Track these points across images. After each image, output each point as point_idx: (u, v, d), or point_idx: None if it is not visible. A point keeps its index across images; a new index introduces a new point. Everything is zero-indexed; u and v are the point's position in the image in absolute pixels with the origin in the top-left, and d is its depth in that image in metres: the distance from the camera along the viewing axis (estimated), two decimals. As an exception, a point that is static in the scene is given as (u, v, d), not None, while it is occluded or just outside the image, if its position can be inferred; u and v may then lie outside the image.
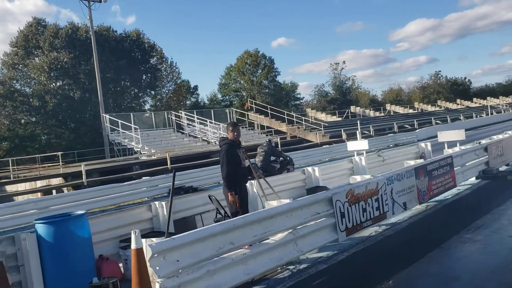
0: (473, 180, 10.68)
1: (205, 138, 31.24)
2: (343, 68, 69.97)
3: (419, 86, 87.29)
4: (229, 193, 6.61)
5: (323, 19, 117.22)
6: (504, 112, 53.41)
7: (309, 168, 10.70)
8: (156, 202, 7.49)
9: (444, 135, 12.28)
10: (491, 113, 51.00)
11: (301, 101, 68.31)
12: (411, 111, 54.76)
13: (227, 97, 61.00)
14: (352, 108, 53.88)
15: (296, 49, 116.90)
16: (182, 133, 32.09)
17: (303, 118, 38.88)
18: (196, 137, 31.53)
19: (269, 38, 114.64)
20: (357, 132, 30.36)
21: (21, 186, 21.74)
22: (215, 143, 30.36)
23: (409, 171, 8.12)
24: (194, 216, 7.81)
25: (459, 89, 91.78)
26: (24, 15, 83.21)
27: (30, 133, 38.43)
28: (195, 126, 32.24)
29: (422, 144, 14.50)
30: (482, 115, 49.95)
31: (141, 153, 26.33)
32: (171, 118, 32.12)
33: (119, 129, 27.56)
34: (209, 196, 7.47)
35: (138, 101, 46.48)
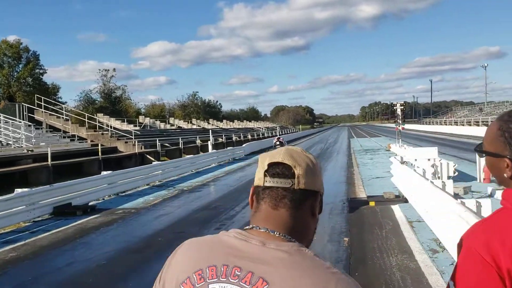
0: None
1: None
2: (113, 76, 64.80)
3: (180, 104, 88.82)
4: None
5: (63, 23, 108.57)
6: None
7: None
8: None
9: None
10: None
11: (63, 105, 60.00)
12: (194, 126, 54.18)
13: (-27, 92, 48.16)
14: (141, 119, 49.83)
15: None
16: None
17: (109, 124, 33.49)
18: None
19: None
20: (209, 142, 27.60)
21: None
22: (16, 146, 22.72)
23: None
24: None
25: (211, 111, 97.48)
26: None
27: None
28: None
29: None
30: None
31: None
32: None
33: None
34: None
35: None
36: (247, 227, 1.17)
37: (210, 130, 33.64)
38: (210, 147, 26.53)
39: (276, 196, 1.13)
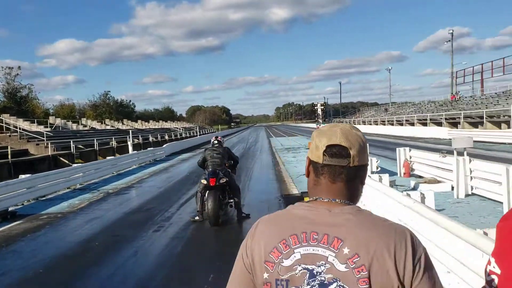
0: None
1: None
2: (18, 74, 60.63)
3: (91, 104, 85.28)
4: None
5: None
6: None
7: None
8: None
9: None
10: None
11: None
12: (108, 127, 52.13)
13: None
14: (51, 119, 46.95)
15: None
16: None
17: (17, 125, 31.27)
18: None
19: None
20: (129, 143, 26.59)
21: None
22: None
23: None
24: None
25: (124, 111, 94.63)
26: None
27: None
28: None
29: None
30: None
31: None
32: None
33: None
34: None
35: None
36: (310, 198, 1.37)
37: (130, 131, 32.61)
38: (130, 148, 25.74)
39: (334, 173, 1.34)
